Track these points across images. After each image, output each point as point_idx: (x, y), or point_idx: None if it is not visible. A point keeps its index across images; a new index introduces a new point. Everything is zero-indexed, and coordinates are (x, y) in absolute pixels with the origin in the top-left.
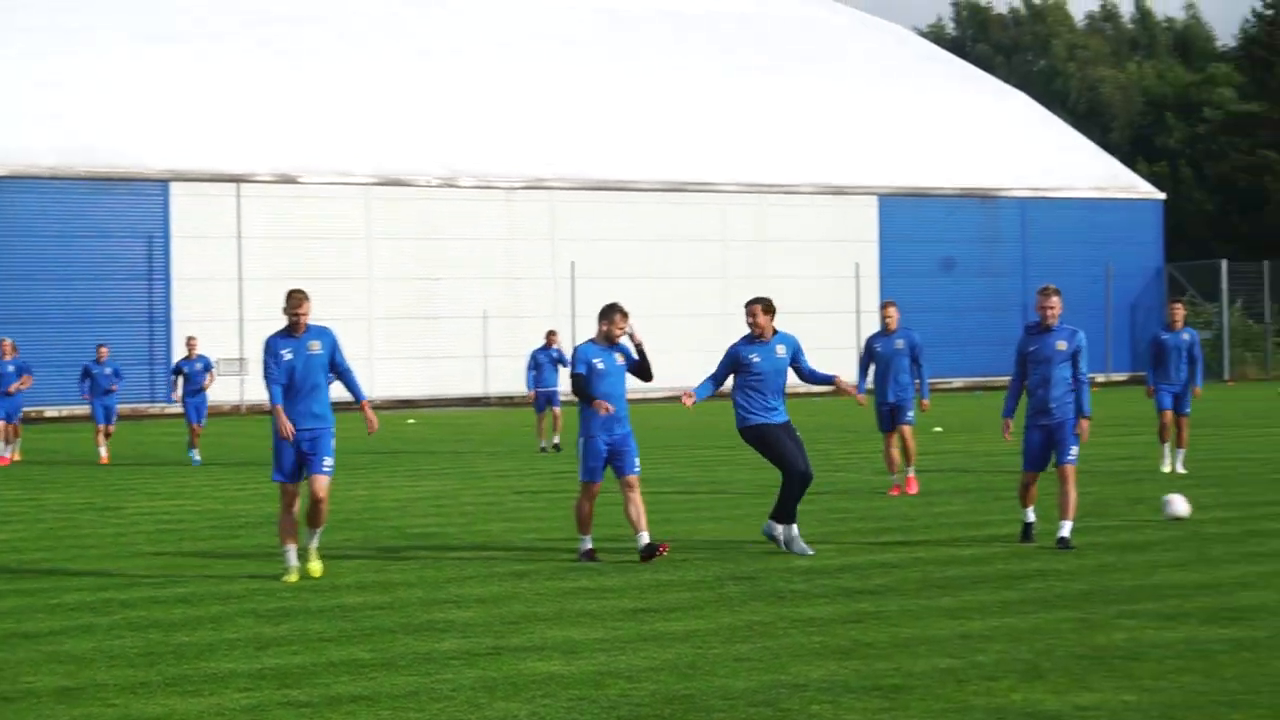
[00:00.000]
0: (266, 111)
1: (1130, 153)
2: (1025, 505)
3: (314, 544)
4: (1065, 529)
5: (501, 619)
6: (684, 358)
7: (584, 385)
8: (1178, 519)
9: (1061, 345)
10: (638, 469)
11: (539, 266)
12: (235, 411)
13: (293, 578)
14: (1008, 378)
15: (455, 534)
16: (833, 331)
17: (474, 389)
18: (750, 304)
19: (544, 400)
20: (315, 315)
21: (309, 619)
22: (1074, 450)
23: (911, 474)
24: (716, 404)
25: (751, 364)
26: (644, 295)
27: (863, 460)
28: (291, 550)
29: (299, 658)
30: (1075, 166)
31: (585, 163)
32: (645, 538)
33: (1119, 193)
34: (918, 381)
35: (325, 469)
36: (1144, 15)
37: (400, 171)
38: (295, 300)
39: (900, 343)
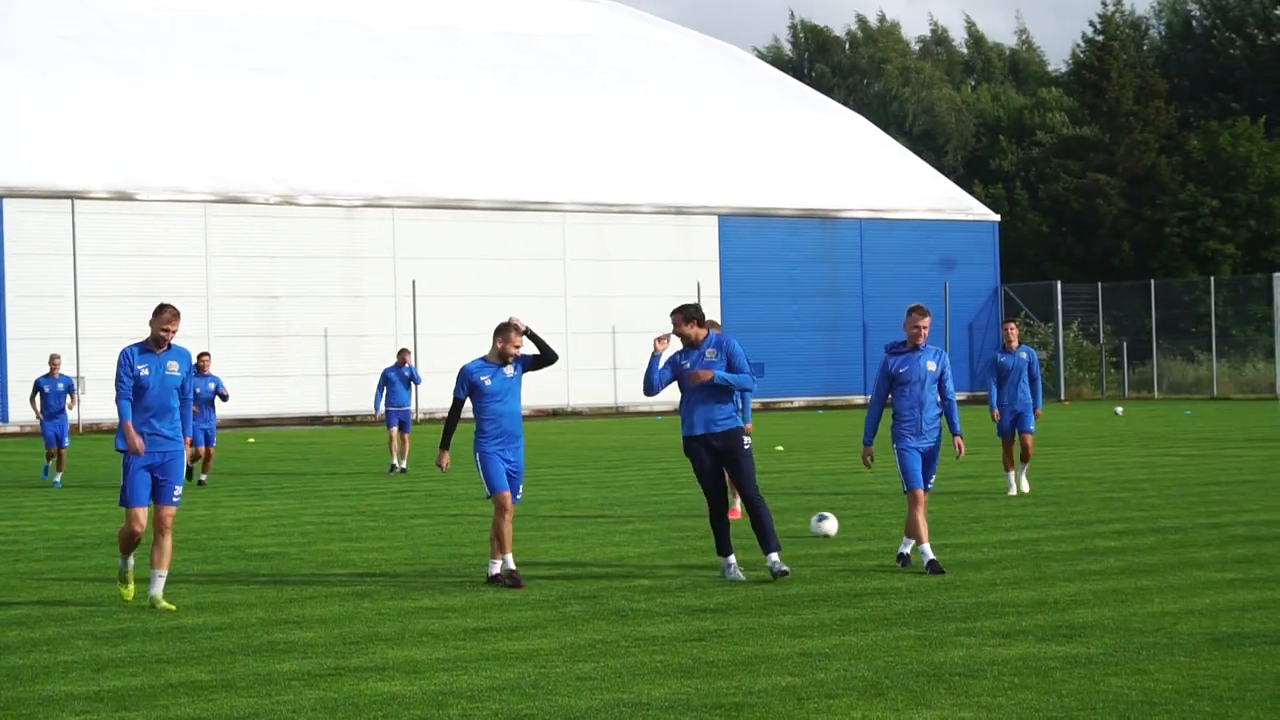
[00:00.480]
0: (102, 127)
1: (966, 175)
2: (917, 535)
3: (158, 589)
4: (930, 552)
5: (343, 639)
6: (528, 377)
7: (455, 415)
8: (826, 537)
9: (931, 365)
10: (519, 497)
11: (380, 285)
12: (73, 431)
13: (129, 592)
14: (850, 396)
15: (296, 554)
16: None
17: (316, 408)
18: (673, 314)
19: (395, 419)
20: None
21: (147, 640)
22: (933, 479)
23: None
24: (570, 423)
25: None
26: (485, 314)
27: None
28: (130, 562)
29: (137, 680)
30: (912, 188)
31: (426, 181)
32: (510, 562)
33: (955, 214)
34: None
35: (175, 499)
36: (976, 40)
37: (239, 189)
38: (166, 317)
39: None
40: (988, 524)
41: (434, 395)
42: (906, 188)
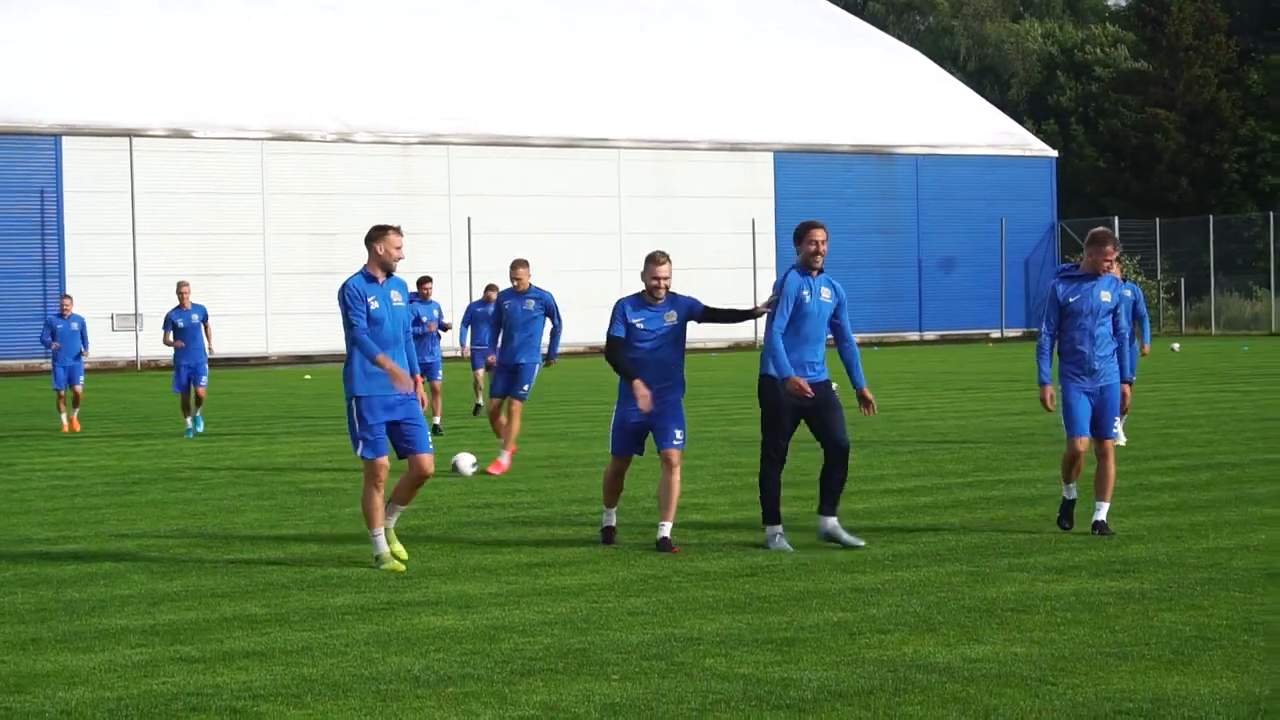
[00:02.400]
0: (159, 65)
1: (1024, 111)
2: (1070, 479)
3: (394, 521)
4: (1102, 511)
5: (396, 574)
6: (581, 313)
7: (618, 353)
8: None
9: (1106, 296)
10: (679, 441)
11: (436, 221)
12: (131, 368)
13: (398, 567)
14: (905, 333)
15: (350, 489)
16: (731, 286)
17: None
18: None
19: (481, 359)
20: (210, 270)
21: (203, 575)
22: (1119, 424)
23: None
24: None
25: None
26: (541, 251)
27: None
28: (381, 536)
29: (192, 613)
30: (969, 124)
31: (482, 118)
32: (667, 528)
33: (1012, 150)
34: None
35: (430, 445)
36: None
37: (295, 126)
38: (393, 237)
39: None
40: (1043, 460)
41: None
42: (963, 124)
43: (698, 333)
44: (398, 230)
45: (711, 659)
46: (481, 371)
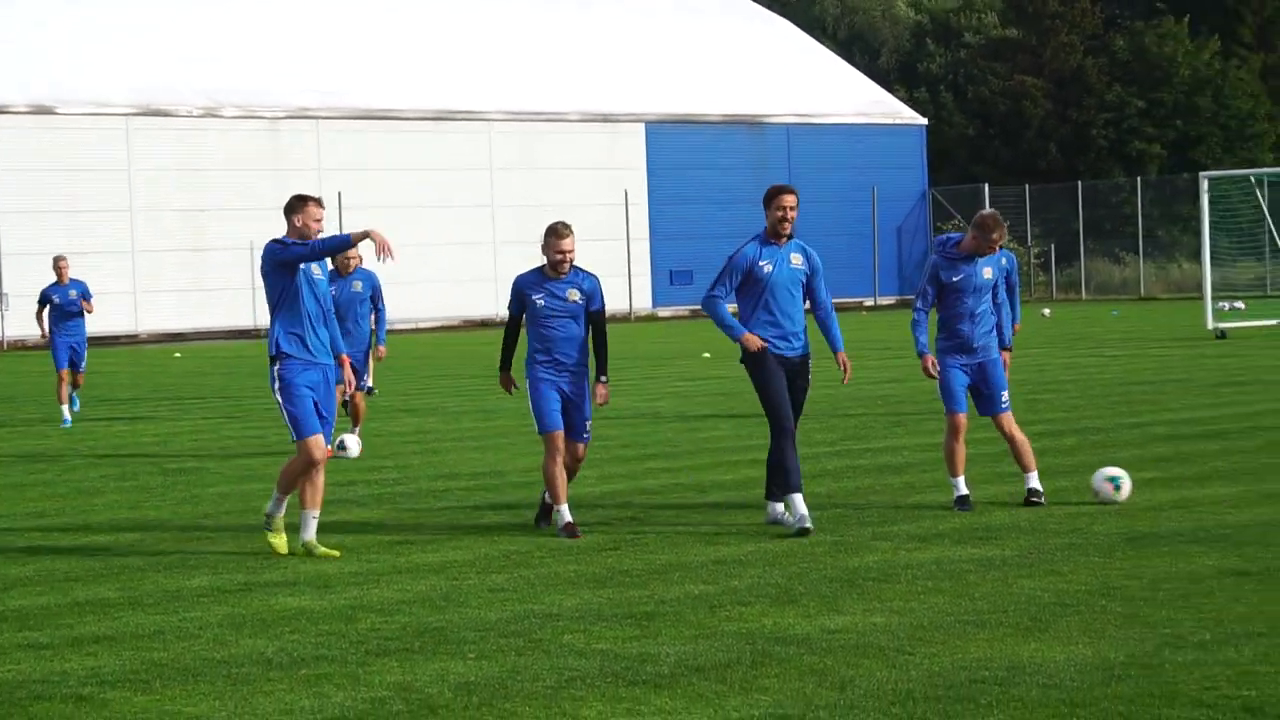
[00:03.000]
0: (19, 41)
1: (894, 79)
2: (957, 473)
3: (312, 532)
4: (1033, 479)
5: (255, 554)
6: (453, 288)
7: (510, 332)
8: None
9: (989, 273)
10: (586, 436)
11: None
12: None
13: (283, 542)
14: None
15: (215, 469)
16: (603, 258)
17: (243, 321)
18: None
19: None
20: (77, 249)
21: (56, 558)
22: (1006, 394)
23: None
24: (492, 333)
25: None
26: (412, 225)
27: (631, 387)
28: (284, 505)
29: (43, 598)
30: (839, 93)
31: (351, 91)
32: (566, 513)
33: (883, 118)
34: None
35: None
36: None
37: (161, 101)
38: (312, 207)
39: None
40: (910, 427)
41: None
42: (833, 93)
43: None
44: (318, 201)
45: (570, 635)
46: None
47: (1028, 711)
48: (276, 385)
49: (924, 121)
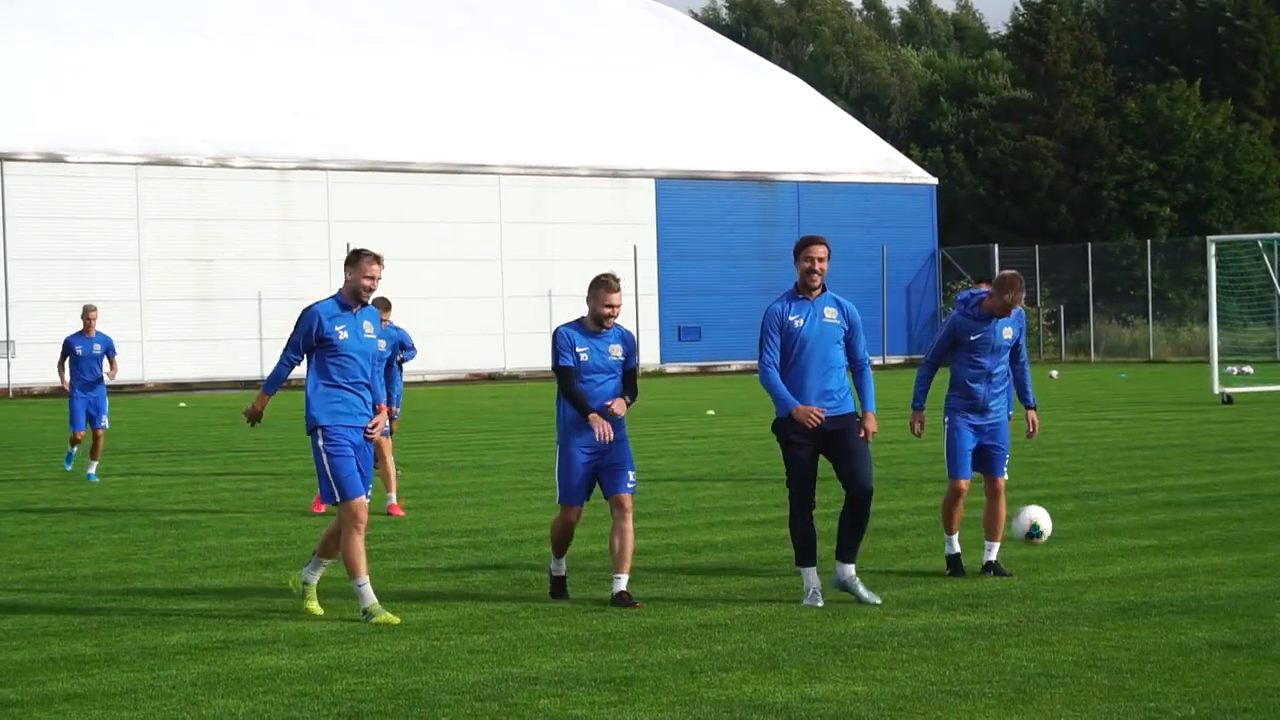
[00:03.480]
0: (31, 89)
1: (905, 138)
2: (952, 531)
3: (316, 576)
4: (993, 551)
5: (238, 611)
6: (464, 341)
7: (571, 384)
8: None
9: (1009, 333)
10: (630, 487)
11: (315, 248)
12: (2, 395)
13: (392, 619)
14: None
15: (206, 522)
16: None
17: (250, 372)
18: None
19: None
20: (84, 297)
21: (36, 612)
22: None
23: None
24: (506, 386)
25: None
26: (421, 278)
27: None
28: (367, 585)
29: (18, 654)
30: (850, 151)
31: (360, 144)
32: (623, 581)
33: (893, 177)
34: None
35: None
36: (921, 2)
37: (171, 151)
38: (367, 263)
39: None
40: (909, 489)
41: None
42: (844, 151)
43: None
44: (375, 258)
45: (546, 699)
46: None
47: None
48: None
49: (934, 181)
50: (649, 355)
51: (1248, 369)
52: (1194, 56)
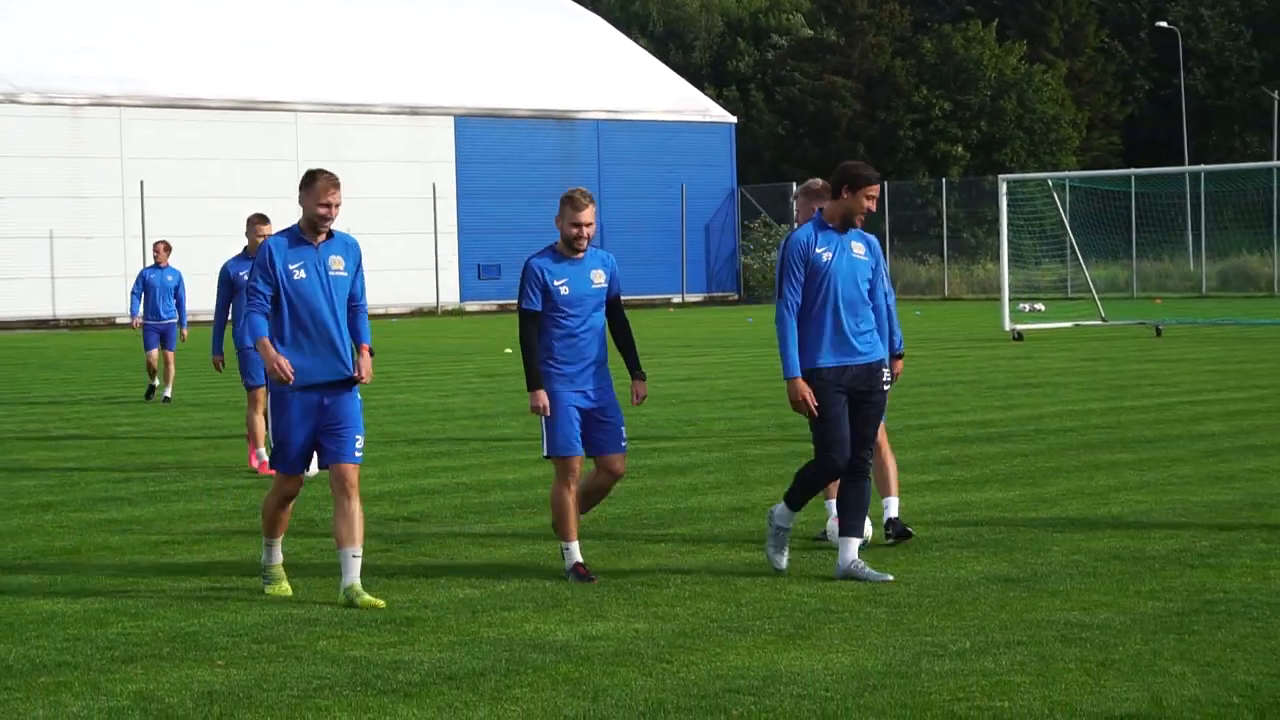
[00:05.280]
0: None
1: (706, 76)
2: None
3: (356, 573)
4: (893, 507)
5: (15, 554)
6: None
7: (531, 330)
8: None
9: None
10: (623, 446)
11: (107, 186)
12: None
13: (285, 589)
14: None
15: None
16: (409, 251)
17: (42, 311)
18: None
19: (155, 335)
20: None
21: None
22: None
23: None
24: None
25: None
26: (216, 216)
27: (427, 382)
28: (278, 549)
29: None
30: (650, 89)
31: (154, 80)
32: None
33: (693, 115)
34: None
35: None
36: None
37: None
38: (323, 185)
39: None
40: (700, 427)
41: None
42: (644, 89)
43: (380, 296)
44: (334, 181)
45: (325, 641)
46: (156, 351)
47: None
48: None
49: (733, 120)
50: (448, 294)
51: (1040, 306)
52: None
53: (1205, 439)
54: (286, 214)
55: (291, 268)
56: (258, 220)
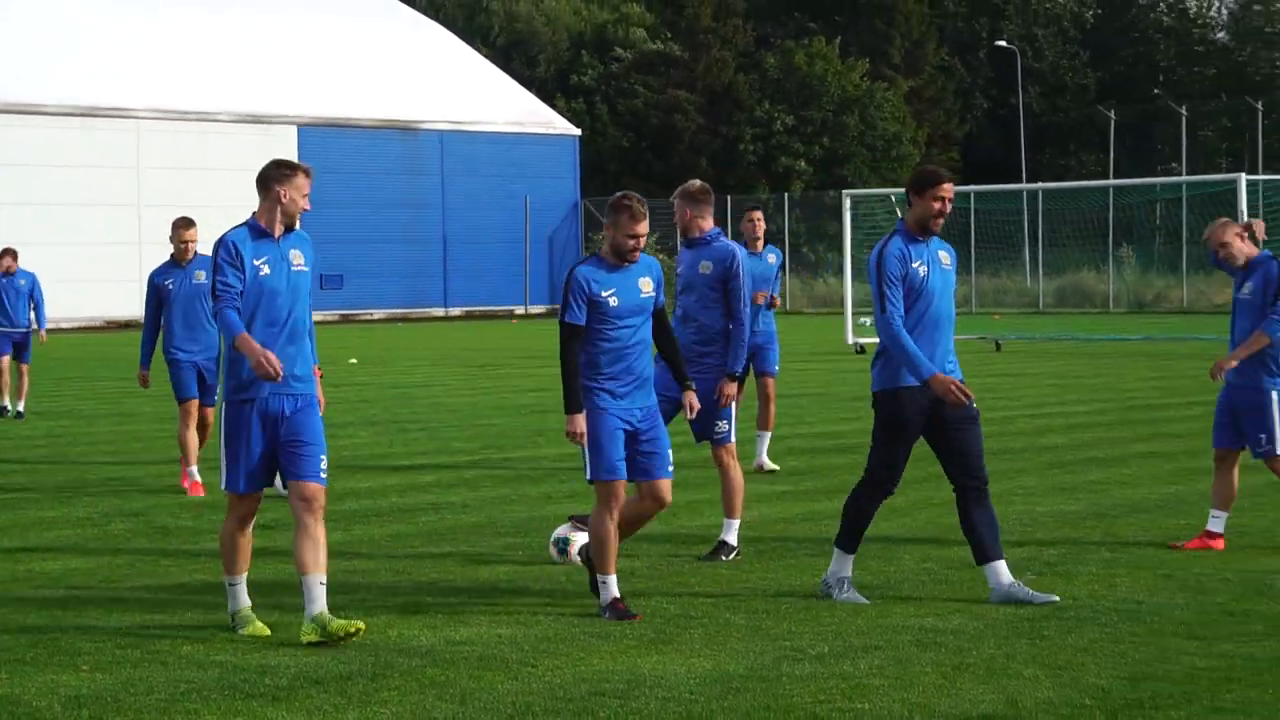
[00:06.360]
0: None
1: (551, 89)
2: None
3: (323, 600)
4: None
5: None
6: (101, 288)
7: (573, 346)
8: None
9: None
10: (670, 470)
11: None
12: None
13: (261, 629)
14: (430, 309)
15: None
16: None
17: None
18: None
19: (8, 343)
20: None
21: None
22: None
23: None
24: (120, 334)
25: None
26: (55, 223)
27: None
28: (241, 585)
29: None
30: (494, 101)
31: None
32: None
33: (537, 128)
34: None
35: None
36: None
37: None
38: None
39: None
40: (549, 436)
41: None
42: (488, 101)
43: None
44: (304, 171)
45: (190, 646)
46: (7, 359)
47: None
48: None
49: (577, 132)
50: None
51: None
52: (833, 14)
53: (1048, 451)
54: (127, 222)
55: (257, 263)
56: (182, 225)
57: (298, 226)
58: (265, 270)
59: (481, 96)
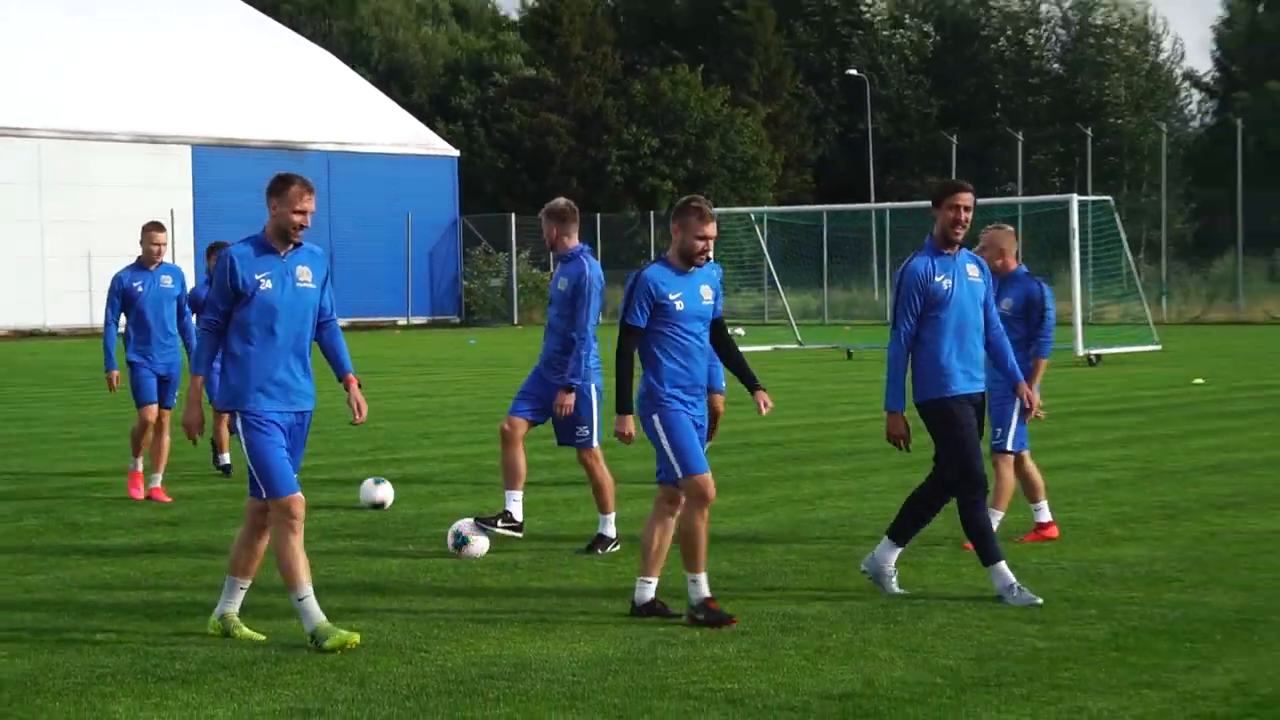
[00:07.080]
0: None
1: (430, 112)
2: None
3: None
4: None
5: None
6: (2, 299)
7: (631, 347)
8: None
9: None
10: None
11: None
12: None
13: (352, 639)
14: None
15: None
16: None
17: None
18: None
19: None
20: None
21: None
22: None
23: None
24: (45, 344)
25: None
26: None
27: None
28: (311, 600)
29: None
30: (377, 123)
31: None
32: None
33: (418, 149)
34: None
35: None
36: None
37: None
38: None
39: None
40: (435, 439)
41: None
42: (372, 123)
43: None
44: (307, 187)
45: (102, 633)
46: None
47: (531, 704)
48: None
49: (456, 153)
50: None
51: (740, 330)
52: (696, 43)
53: (899, 452)
54: (26, 237)
55: (258, 278)
56: (153, 228)
57: (299, 240)
58: (266, 285)
59: (366, 119)
